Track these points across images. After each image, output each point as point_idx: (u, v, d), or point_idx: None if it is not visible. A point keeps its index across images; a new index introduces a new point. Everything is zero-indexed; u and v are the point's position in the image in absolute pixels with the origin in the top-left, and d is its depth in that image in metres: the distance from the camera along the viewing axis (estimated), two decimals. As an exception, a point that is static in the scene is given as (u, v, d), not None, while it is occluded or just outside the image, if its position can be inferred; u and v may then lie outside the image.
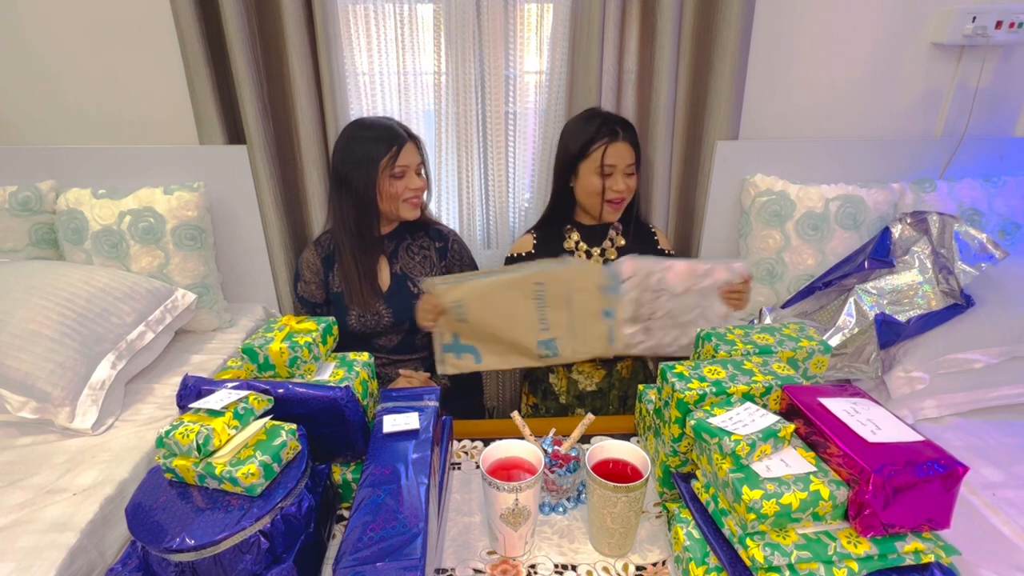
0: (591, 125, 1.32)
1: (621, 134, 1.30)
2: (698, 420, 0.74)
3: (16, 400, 1.15)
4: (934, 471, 0.64)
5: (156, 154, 1.59)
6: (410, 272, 1.38)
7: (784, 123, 1.71)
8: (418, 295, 1.36)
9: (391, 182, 1.28)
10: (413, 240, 1.41)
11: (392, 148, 1.26)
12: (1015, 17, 1.54)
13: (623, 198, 1.33)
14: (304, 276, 1.41)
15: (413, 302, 1.34)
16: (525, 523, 0.76)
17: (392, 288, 1.37)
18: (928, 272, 1.35)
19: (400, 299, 1.36)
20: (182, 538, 0.63)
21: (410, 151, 1.29)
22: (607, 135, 1.30)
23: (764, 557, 0.64)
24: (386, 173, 1.27)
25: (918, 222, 1.46)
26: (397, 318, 1.36)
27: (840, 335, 1.31)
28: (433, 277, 1.23)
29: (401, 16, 1.56)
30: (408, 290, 1.37)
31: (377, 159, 1.26)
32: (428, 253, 1.41)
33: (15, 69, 1.59)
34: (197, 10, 1.44)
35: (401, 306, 1.36)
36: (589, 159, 1.31)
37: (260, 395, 0.78)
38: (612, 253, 1.39)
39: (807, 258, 1.56)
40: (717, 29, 1.51)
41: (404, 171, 1.28)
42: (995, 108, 1.71)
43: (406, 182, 1.29)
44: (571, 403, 1.44)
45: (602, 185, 1.31)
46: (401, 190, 1.29)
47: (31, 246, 1.54)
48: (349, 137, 1.30)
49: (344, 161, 1.29)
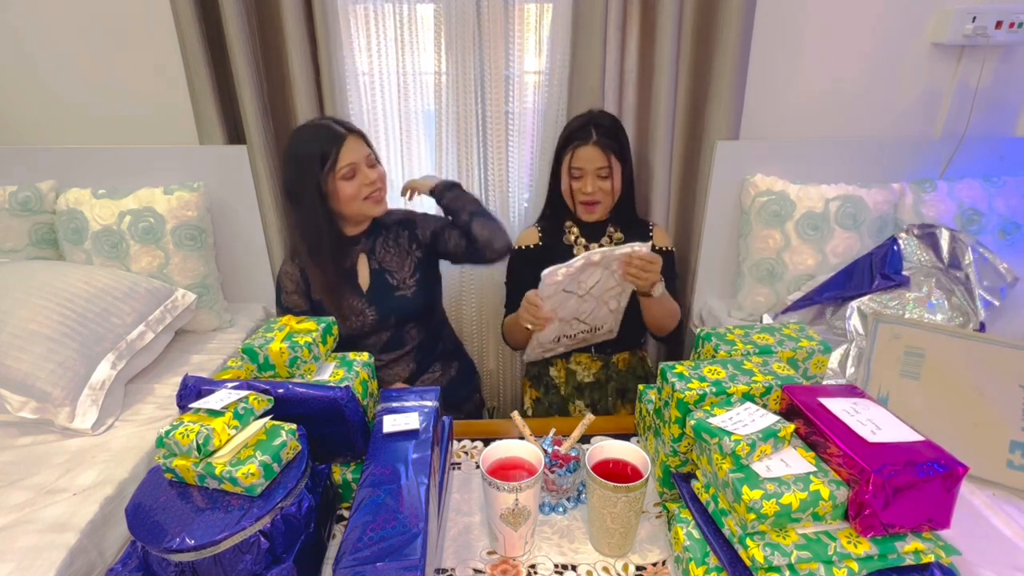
0: (574, 124, 1.34)
1: (594, 137, 1.29)
2: (698, 420, 0.74)
3: (16, 400, 1.15)
4: (934, 471, 0.64)
5: (156, 154, 1.59)
6: (387, 266, 1.35)
7: (784, 123, 1.71)
8: (397, 287, 1.35)
9: (342, 184, 1.22)
10: (388, 234, 1.37)
11: (331, 149, 1.20)
12: (1015, 17, 1.54)
13: (595, 200, 1.34)
14: (286, 288, 1.35)
15: (394, 295, 1.34)
16: (525, 523, 0.76)
17: (372, 286, 1.34)
18: (938, 295, 1.34)
19: (380, 296, 1.34)
20: (182, 538, 0.63)
21: (352, 146, 1.23)
22: (579, 137, 1.31)
23: (764, 557, 0.64)
24: (332, 176, 1.21)
25: (926, 235, 1.45)
26: (381, 315, 1.33)
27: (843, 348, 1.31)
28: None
29: (401, 16, 1.56)
30: (388, 284, 1.34)
31: (319, 164, 1.19)
32: (401, 241, 1.37)
33: (15, 69, 1.60)
34: (197, 10, 1.44)
35: (383, 303, 1.33)
36: (564, 160, 1.34)
37: (260, 395, 0.78)
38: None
39: (807, 258, 1.56)
40: (717, 29, 1.51)
41: (353, 169, 1.23)
42: (995, 108, 1.71)
43: (359, 179, 1.24)
44: (571, 394, 1.45)
45: (573, 185, 1.34)
46: (356, 189, 1.24)
47: (31, 246, 1.54)
48: (289, 149, 1.26)
49: (289, 174, 1.25)
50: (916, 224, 1.52)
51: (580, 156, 1.31)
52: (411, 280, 1.37)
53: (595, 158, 1.30)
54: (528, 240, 1.45)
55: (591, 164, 1.30)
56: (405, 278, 1.36)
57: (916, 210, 1.58)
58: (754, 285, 1.64)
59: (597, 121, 1.32)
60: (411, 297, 1.35)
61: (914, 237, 1.47)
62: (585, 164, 1.31)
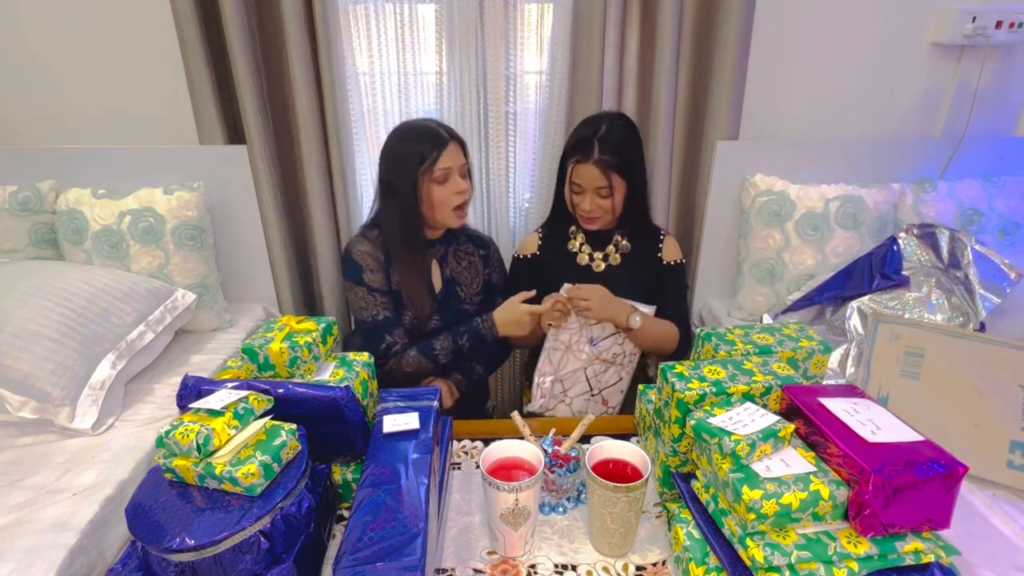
0: (581, 132, 1.28)
1: (595, 156, 1.22)
2: (698, 420, 0.74)
3: (16, 400, 1.15)
4: (934, 471, 0.64)
5: (156, 154, 1.59)
6: (458, 277, 1.37)
7: (784, 123, 1.71)
8: (464, 301, 1.36)
9: (435, 187, 1.23)
10: (459, 245, 1.39)
11: (432, 151, 1.21)
12: (1015, 17, 1.54)
13: (595, 216, 1.30)
14: (370, 266, 1.30)
15: (461, 307, 1.36)
16: (525, 523, 0.76)
17: (443, 292, 1.36)
18: (938, 295, 1.34)
19: (450, 304, 1.36)
20: (182, 538, 0.63)
21: (452, 153, 1.24)
22: (580, 152, 1.25)
23: (764, 557, 0.64)
24: (427, 177, 1.22)
25: (925, 235, 1.45)
26: (445, 323, 1.34)
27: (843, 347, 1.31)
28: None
29: (402, 16, 1.55)
30: (457, 295, 1.36)
31: (417, 163, 1.21)
32: (473, 259, 1.40)
33: (15, 69, 1.59)
34: (197, 10, 1.44)
35: (450, 311, 1.35)
36: (567, 169, 1.29)
37: (260, 395, 0.78)
38: (616, 259, 1.38)
39: (807, 258, 1.56)
40: (717, 29, 1.51)
41: (447, 174, 1.24)
42: (995, 108, 1.71)
43: (451, 186, 1.24)
44: None
45: (573, 199, 1.31)
46: (447, 195, 1.24)
47: (31, 246, 1.54)
48: (391, 142, 1.27)
49: (387, 167, 1.26)
50: (916, 224, 1.52)
51: (579, 173, 1.26)
52: (476, 299, 1.40)
53: (594, 178, 1.24)
54: (528, 248, 1.43)
55: (590, 183, 1.25)
56: (472, 294, 1.39)
57: (916, 210, 1.58)
58: (754, 285, 1.64)
59: (603, 136, 1.23)
60: (472, 314, 1.36)
61: (914, 237, 1.47)
62: (584, 182, 1.26)
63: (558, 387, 1.31)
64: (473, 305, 1.39)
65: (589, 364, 1.30)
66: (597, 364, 1.30)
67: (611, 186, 1.24)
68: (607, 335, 1.29)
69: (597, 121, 1.27)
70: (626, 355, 1.32)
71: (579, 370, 1.30)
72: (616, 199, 1.27)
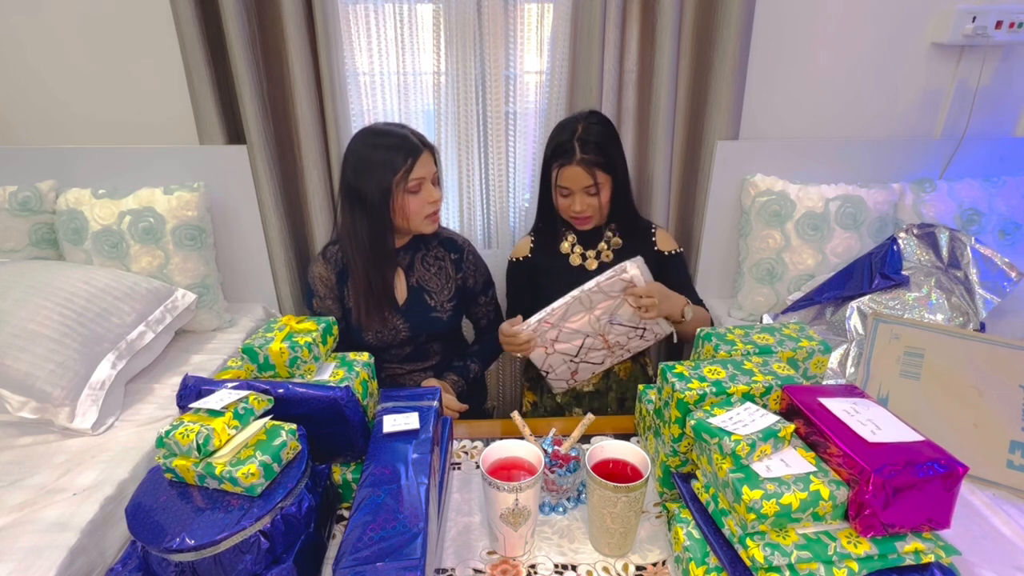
0: (558, 137, 1.27)
1: (577, 156, 1.23)
2: (698, 420, 0.74)
3: (16, 400, 1.15)
4: (934, 471, 0.64)
5: (156, 154, 1.59)
6: (426, 284, 1.33)
7: (784, 123, 1.71)
8: (434, 308, 1.34)
9: (407, 197, 1.19)
10: (428, 251, 1.34)
11: (407, 160, 1.16)
12: (1015, 17, 1.54)
13: (587, 216, 1.30)
14: (319, 292, 1.31)
15: (429, 315, 1.33)
16: (525, 523, 0.76)
17: (408, 301, 1.32)
18: (938, 295, 1.34)
19: (416, 313, 1.32)
20: (182, 538, 0.63)
21: (425, 162, 1.19)
22: (562, 156, 1.25)
23: (764, 557, 0.64)
24: (401, 187, 1.18)
25: (925, 235, 1.45)
26: (413, 332, 1.32)
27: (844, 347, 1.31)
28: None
29: (401, 16, 1.56)
30: (424, 303, 1.32)
31: (391, 173, 1.16)
32: (443, 264, 1.35)
33: (15, 69, 1.59)
34: (197, 10, 1.44)
35: (417, 320, 1.32)
36: (551, 175, 1.29)
37: (260, 395, 0.78)
38: (608, 255, 1.38)
39: (807, 258, 1.56)
40: (717, 29, 1.51)
41: (419, 184, 1.20)
42: (995, 108, 1.71)
43: (423, 196, 1.21)
44: (568, 403, 1.44)
45: (561, 203, 1.31)
46: (420, 206, 1.21)
47: (31, 246, 1.54)
48: (360, 146, 1.20)
49: (356, 173, 1.18)
50: (916, 224, 1.52)
51: (565, 176, 1.26)
52: (448, 305, 1.35)
53: (580, 178, 1.24)
54: (521, 252, 1.43)
55: (577, 184, 1.25)
56: (443, 301, 1.34)
57: (916, 210, 1.58)
58: (754, 285, 1.64)
59: (581, 135, 1.24)
60: (445, 320, 1.34)
61: (914, 237, 1.47)
62: (571, 184, 1.26)
63: (553, 332, 1.26)
64: (445, 312, 1.34)
65: (594, 335, 1.28)
66: (598, 339, 1.28)
67: (597, 183, 1.26)
68: (627, 321, 1.27)
69: (572, 123, 1.28)
70: (624, 350, 1.31)
71: (580, 332, 1.26)
72: (603, 195, 1.28)
